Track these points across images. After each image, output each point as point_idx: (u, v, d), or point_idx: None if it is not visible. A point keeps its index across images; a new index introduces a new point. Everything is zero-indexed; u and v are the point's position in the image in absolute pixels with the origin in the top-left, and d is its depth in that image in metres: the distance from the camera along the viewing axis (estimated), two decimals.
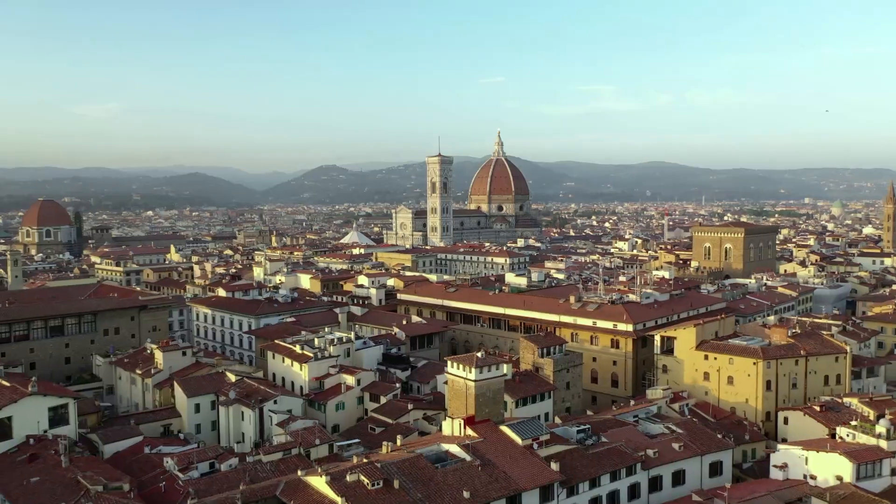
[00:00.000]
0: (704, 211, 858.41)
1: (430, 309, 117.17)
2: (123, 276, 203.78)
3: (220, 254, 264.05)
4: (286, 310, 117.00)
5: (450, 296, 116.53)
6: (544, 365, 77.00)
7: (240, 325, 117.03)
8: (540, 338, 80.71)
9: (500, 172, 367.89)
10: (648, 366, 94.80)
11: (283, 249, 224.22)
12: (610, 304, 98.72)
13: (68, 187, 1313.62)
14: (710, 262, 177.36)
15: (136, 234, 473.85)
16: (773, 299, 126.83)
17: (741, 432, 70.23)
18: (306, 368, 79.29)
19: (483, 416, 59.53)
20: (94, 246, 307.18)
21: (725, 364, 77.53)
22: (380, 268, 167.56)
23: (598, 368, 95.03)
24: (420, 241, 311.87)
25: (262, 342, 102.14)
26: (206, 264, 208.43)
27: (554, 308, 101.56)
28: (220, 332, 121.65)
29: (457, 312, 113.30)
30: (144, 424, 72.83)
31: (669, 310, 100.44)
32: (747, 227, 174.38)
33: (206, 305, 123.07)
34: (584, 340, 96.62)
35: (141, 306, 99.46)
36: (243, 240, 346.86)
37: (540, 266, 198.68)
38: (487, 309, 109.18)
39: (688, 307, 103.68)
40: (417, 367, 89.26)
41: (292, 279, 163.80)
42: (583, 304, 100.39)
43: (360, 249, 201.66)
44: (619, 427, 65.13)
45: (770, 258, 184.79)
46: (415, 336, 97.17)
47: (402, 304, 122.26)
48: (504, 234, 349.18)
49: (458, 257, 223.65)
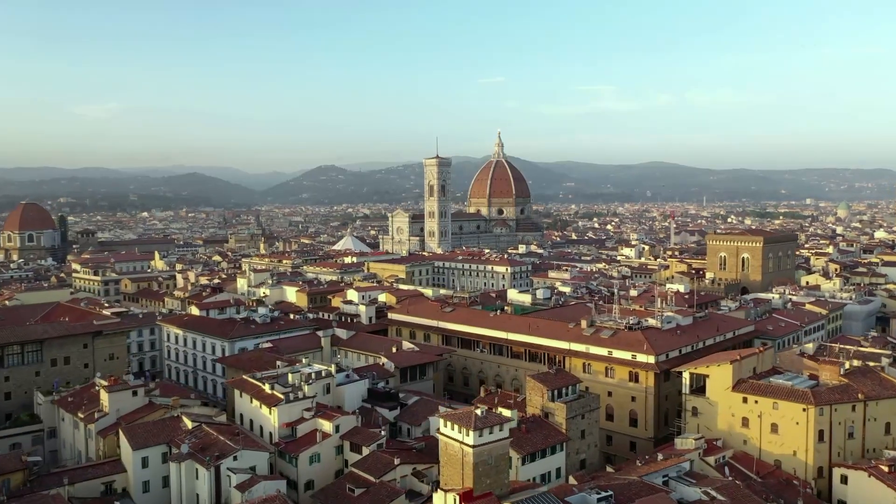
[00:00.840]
0: (707, 212, 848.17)
1: (425, 331, 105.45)
2: (101, 285, 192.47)
3: (208, 260, 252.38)
4: (264, 331, 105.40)
5: (446, 316, 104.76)
6: (555, 410, 65.30)
7: (212, 349, 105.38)
8: (549, 376, 68.96)
9: (500, 174, 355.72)
10: (672, 401, 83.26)
11: (272, 257, 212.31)
12: (627, 329, 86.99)
13: (65, 187, 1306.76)
14: (726, 272, 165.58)
15: (127, 236, 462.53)
16: (803, 318, 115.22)
17: (792, 496, 58.58)
18: (276, 413, 67.54)
19: (483, 489, 48.00)
20: (78, 251, 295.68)
21: (768, 409, 65.80)
22: (372, 279, 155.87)
23: (615, 404, 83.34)
24: (417, 246, 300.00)
25: (233, 373, 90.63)
26: (190, 273, 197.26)
27: (563, 334, 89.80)
28: (192, 356, 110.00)
29: (454, 336, 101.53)
30: (82, 483, 61.28)
31: (694, 336, 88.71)
32: (766, 236, 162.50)
33: (178, 326, 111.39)
34: (598, 372, 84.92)
35: (95, 332, 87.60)
36: (234, 244, 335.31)
37: (543, 276, 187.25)
38: (488, 333, 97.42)
39: (713, 332, 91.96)
40: (408, 404, 77.69)
41: (277, 292, 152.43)
42: (596, 329, 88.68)
43: (353, 258, 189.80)
44: (649, 493, 53.65)
45: (789, 268, 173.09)
46: (406, 367, 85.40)
47: (394, 325, 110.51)
48: (504, 238, 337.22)
49: (456, 265, 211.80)
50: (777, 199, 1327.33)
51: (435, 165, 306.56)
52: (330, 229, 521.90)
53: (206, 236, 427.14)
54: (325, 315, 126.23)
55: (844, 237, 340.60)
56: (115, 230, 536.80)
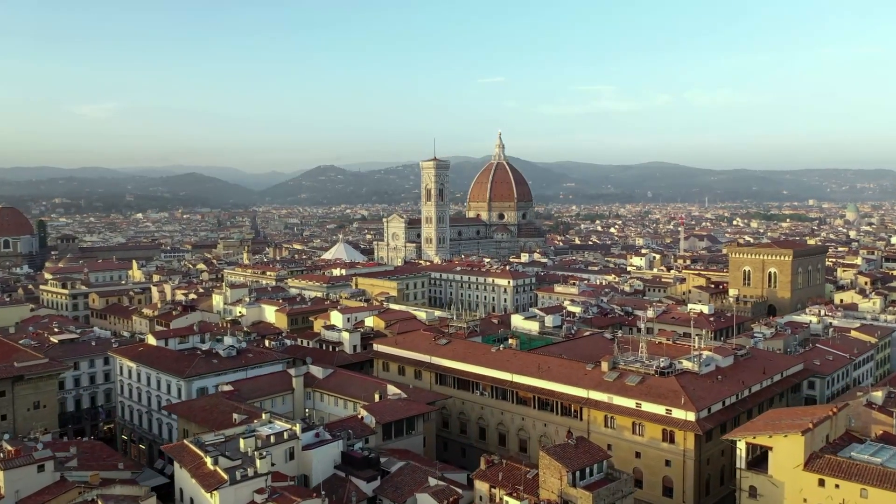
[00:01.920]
0: (711, 214, 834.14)
1: (416, 367, 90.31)
2: (69, 299, 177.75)
3: (191, 269, 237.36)
4: (228, 367, 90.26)
5: (441, 350, 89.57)
6: (578, 499, 50.26)
7: (167, 388, 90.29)
8: (569, 450, 53.85)
9: (501, 177, 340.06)
10: (714, 465, 68.25)
11: (255, 268, 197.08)
12: (658, 374, 71.88)
13: (62, 187, 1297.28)
14: (751, 288, 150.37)
15: (116, 239, 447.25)
16: (851, 349, 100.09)
17: None
18: (217, 498, 52.51)
19: None
20: (56, 258, 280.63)
21: (854, 496, 50.77)
22: (360, 297, 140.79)
23: (644, 468, 68.26)
24: (414, 253, 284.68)
25: (184, 423, 75.67)
26: (167, 286, 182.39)
27: (580, 378, 74.69)
28: (146, 394, 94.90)
29: (449, 375, 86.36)
30: None
31: (738, 382, 73.58)
32: (796, 248, 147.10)
33: (130, 358, 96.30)
34: (624, 427, 69.82)
35: (15, 376, 72.46)
36: (222, 250, 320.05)
37: (549, 290, 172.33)
38: (490, 373, 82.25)
39: (759, 376, 76.83)
40: (390, 472, 62.63)
41: (255, 311, 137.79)
42: (620, 373, 73.55)
43: (342, 270, 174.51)
44: None
45: (819, 283, 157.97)
46: (390, 423, 70.27)
47: (381, 358, 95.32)
48: (506, 244, 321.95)
49: (453, 277, 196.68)
50: (779, 199, 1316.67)
51: (432, 168, 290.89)
52: (325, 232, 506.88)
53: (195, 241, 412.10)
54: (304, 342, 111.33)
55: (860, 243, 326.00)
56: (105, 233, 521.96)
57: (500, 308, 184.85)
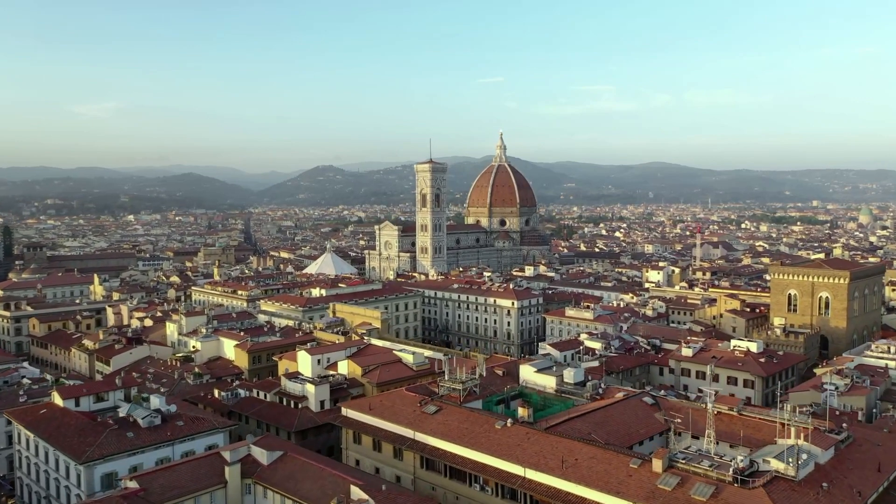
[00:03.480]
0: (716, 216, 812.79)
1: (395, 443, 68.05)
2: (11, 323, 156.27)
3: (159, 283, 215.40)
4: (148, 444, 68.36)
5: (428, 422, 67.33)
6: None
7: (66, 472, 68.30)
8: None
9: (502, 181, 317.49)
10: None
11: (226, 285, 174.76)
12: (735, 481, 49.78)
13: (58, 188, 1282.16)
14: (798, 315, 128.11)
15: (98, 244, 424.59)
16: None
17: None
18: None
19: None
20: (21, 268, 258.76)
21: None
22: (338, 327, 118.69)
23: None
24: (407, 264, 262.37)
25: None
26: (124, 307, 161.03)
27: (623, 483, 52.52)
28: (45, 474, 72.94)
29: (439, 459, 64.16)
30: None
31: (849, 491, 51.48)
32: (852, 269, 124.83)
33: (26, 426, 74.32)
34: None
35: None
36: (202, 259, 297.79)
37: (559, 313, 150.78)
38: (494, 463, 60.05)
39: (876, 478, 54.71)
40: None
41: (213, 345, 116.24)
42: (680, 478, 51.45)
43: (322, 291, 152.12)
44: None
45: (875, 309, 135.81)
46: None
47: (351, 427, 73.06)
48: (507, 253, 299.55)
49: (449, 296, 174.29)
50: (782, 200, 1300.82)
51: (428, 171, 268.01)
52: (318, 237, 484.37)
53: (178, 247, 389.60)
54: (261, 394, 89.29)
55: (885, 250, 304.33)
56: (90, 237, 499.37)
57: (503, 333, 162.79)
